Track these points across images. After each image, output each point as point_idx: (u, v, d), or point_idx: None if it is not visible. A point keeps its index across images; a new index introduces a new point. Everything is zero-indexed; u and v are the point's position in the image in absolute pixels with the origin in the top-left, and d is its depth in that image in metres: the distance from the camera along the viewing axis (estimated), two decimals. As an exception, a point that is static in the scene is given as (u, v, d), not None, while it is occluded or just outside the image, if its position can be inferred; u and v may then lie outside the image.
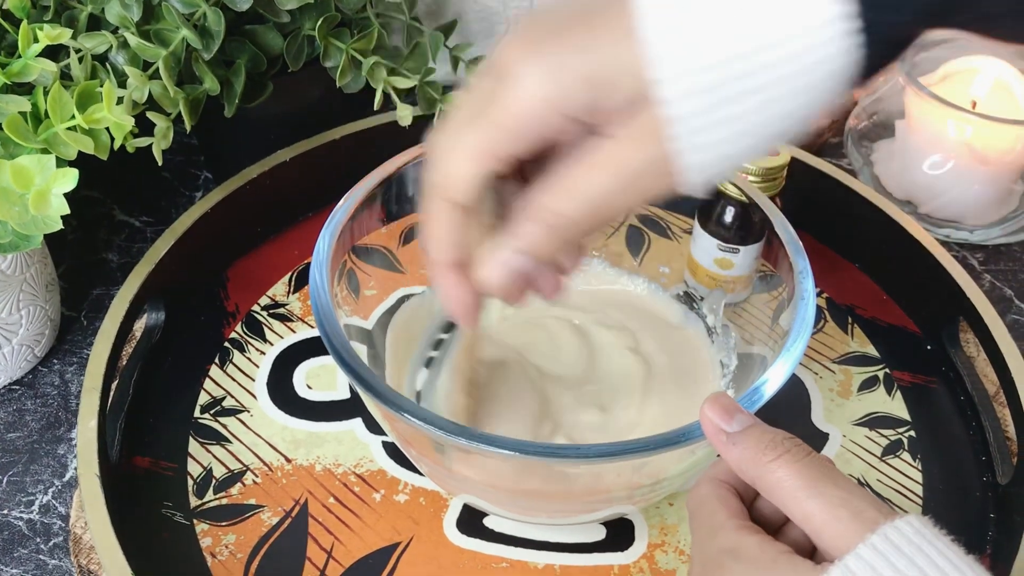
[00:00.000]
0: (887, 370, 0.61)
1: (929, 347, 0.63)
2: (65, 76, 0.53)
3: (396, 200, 0.57)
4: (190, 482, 0.54)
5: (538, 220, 0.36)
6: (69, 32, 0.51)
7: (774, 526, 0.39)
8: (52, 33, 0.50)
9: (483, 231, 0.38)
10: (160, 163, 0.55)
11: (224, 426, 0.57)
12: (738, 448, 0.37)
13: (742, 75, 0.31)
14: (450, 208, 0.37)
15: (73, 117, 0.50)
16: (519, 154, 0.35)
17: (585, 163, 0.34)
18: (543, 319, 0.58)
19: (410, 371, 0.57)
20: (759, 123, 0.32)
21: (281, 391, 0.59)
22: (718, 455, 0.39)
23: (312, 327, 0.63)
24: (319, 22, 0.60)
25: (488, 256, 0.38)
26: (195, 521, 0.52)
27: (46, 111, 0.50)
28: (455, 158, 0.36)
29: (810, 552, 0.37)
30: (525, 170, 0.38)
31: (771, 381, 0.44)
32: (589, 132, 0.34)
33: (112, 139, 0.52)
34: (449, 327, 0.59)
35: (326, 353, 0.46)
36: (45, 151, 0.50)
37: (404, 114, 0.61)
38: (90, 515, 0.48)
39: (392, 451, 0.56)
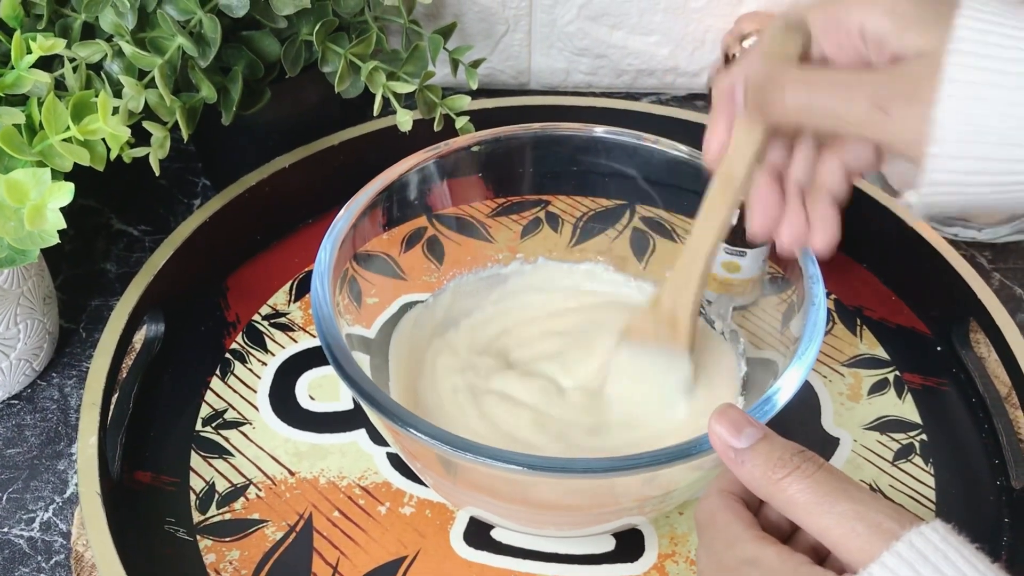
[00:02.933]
0: (897, 372, 0.60)
1: (939, 348, 0.62)
2: (60, 86, 0.53)
3: (398, 206, 0.56)
4: (192, 497, 0.53)
5: (774, 78, 0.39)
6: (63, 42, 0.50)
7: (784, 533, 0.39)
8: (46, 44, 0.49)
9: None
10: (158, 173, 0.55)
11: (226, 439, 0.56)
12: (748, 466, 0.37)
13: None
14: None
15: (68, 128, 0.49)
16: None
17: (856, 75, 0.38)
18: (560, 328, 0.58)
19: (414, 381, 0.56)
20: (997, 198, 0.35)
21: (283, 402, 0.58)
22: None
23: (314, 336, 0.62)
24: (317, 27, 0.59)
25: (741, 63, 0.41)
26: (198, 537, 0.51)
27: (40, 123, 0.49)
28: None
29: (824, 558, 0.37)
30: None
31: (784, 390, 0.44)
32: None
33: (108, 150, 0.51)
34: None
35: (328, 363, 0.45)
36: (40, 164, 0.49)
37: (404, 119, 0.60)
38: (91, 533, 0.47)
39: (397, 463, 0.55)
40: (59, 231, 0.49)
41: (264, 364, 0.60)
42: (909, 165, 0.35)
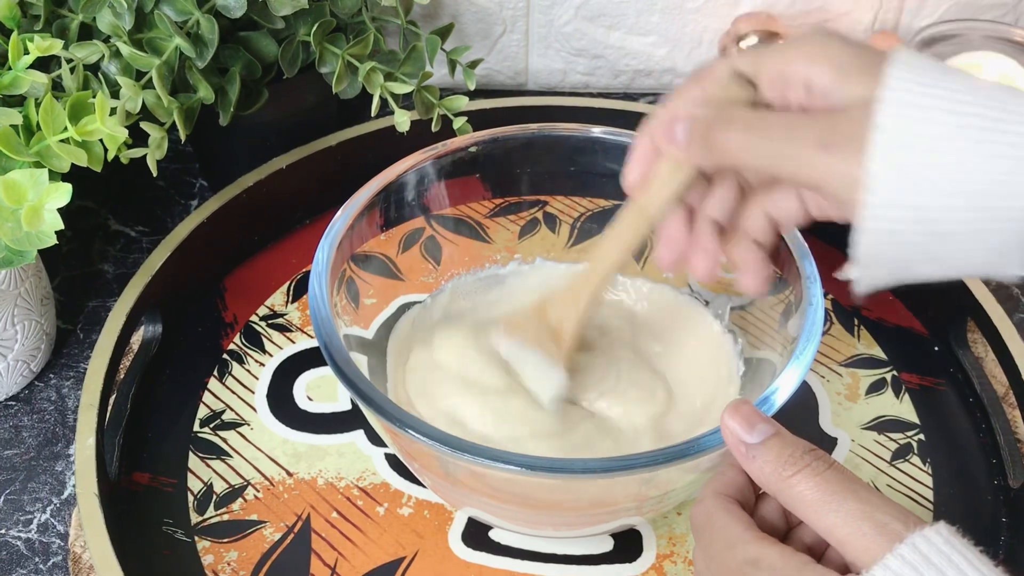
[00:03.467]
0: (895, 372, 0.61)
1: (936, 348, 0.62)
2: (57, 87, 0.53)
3: (396, 207, 0.56)
4: (190, 498, 0.53)
5: (713, 115, 0.39)
6: (60, 43, 0.50)
7: (779, 533, 0.39)
8: (43, 45, 0.49)
9: None
10: (155, 174, 0.55)
11: (224, 440, 0.56)
12: (758, 462, 0.37)
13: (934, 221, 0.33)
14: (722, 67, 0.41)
15: (66, 129, 0.49)
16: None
17: (787, 117, 0.38)
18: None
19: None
20: (933, 268, 0.35)
21: (281, 403, 0.58)
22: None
23: (312, 337, 0.62)
24: (314, 28, 0.59)
25: (670, 105, 0.42)
26: (196, 538, 0.51)
27: (38, 123, 0.49)
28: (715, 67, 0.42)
29: (819, 557, 0.38)
30: None
31: (781, 390, 0.44)
32: None
33: (105, 150, 0.51)
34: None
35: (326, 364, 0.45)
36: (38, 164, 0.49)
37: (401, 119, 0.60)
38: (89, 534, 0.47)
39: (395, 463, 0.55)
40: (56, 232, 0.49)
41: (262, 365, 0.60)
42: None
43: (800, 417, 0.58)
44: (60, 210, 0.48)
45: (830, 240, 0.69)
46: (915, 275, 0.36)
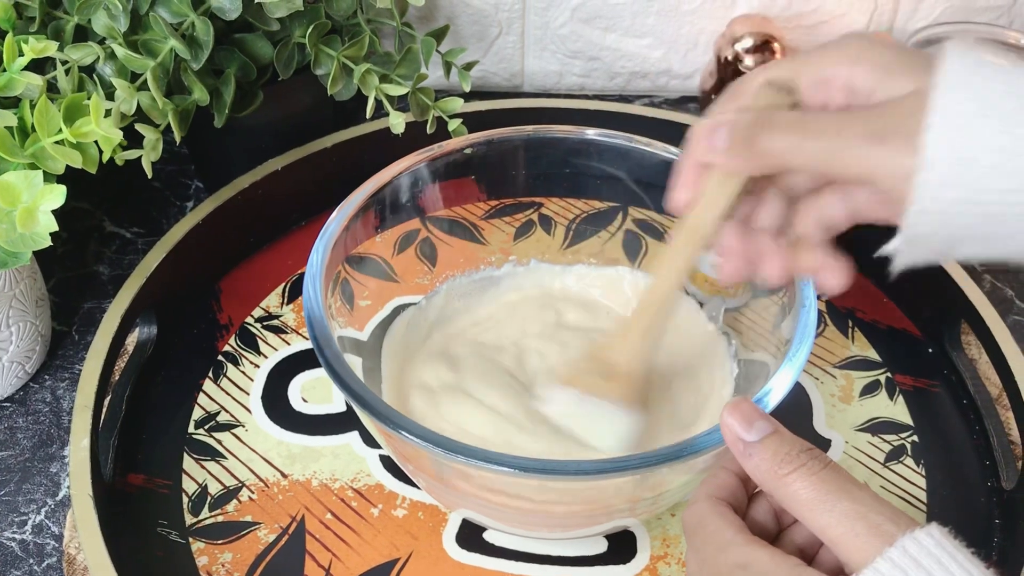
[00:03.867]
0: (889, 374, 0.61)
1: (931, 350, 0.62)
2: (52, 88, 0.53)
3: (391, 208, 0.56)
4: (185, 499, 0.53)
5: (753, 120, 0.39)
6: (55, 45, 0.50)
7: (770, 536, 0.39)
8: (38, 46, 0.49)
9: None
10: (150, 175, 0.55)
11: (219, 441, 0.56)
12: (755, 460, 0.37)
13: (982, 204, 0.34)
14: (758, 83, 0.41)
15: (60, 131, 0.49)
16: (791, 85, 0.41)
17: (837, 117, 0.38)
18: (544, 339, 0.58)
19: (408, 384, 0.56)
20: (969, 248, 0.35)
21: (276, 405, 0.58)
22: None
23: (307, 339, 0.62)
24: (309, 29, 0.59)
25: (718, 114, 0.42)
26: (191, 539, 0.51)
27: (33, 125, 0.49)
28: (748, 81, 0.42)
29: (811, 560, 0.38)
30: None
31: (775, 391, 0.44)
32: None
33: (100, 152, 0.51)
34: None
35: (321, 365, 0.45)
36: (32, 166, 0.49)
37: (396, 121, 0.60)
38: (83, 536, 0.47)
39: (389, 465, 0.55)
40: (51, 233, 0.49)
41: (257, 366, 0.60)
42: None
43: (794, 419, 0.58)
44: (55, 211, 0.48)
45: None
46: (958, 255, 0.36)
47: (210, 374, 0.60)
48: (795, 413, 0.58)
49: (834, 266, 0.42)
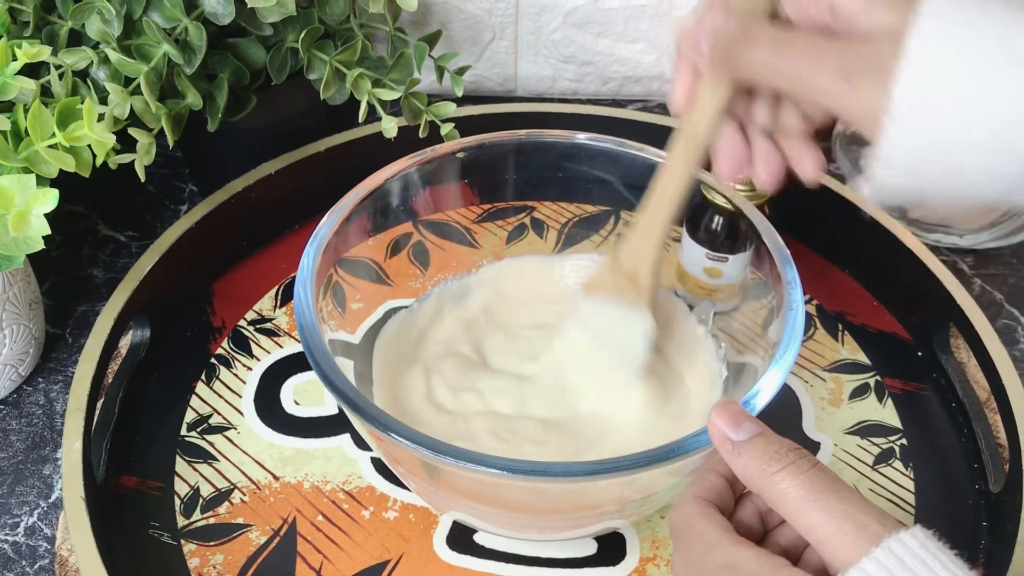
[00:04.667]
0: (878, 377, 0.61)
1: (920, 353, 0.63)
2: (45, 93, 0.53)
3: (382, 212, 0.56)
4: (177, 501, 0.54)
5: (735, 24, 0.40)
6: (49, 50, 0.50)
7: (756, 537, 0.39)
8: (31, 51, 0.50)
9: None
10: (143, 179, 0.55)
11: (211, 444, 0.56)
12: (743, 458, 0.37)
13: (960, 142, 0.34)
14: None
15: (54, 135, 0.49)
16: None
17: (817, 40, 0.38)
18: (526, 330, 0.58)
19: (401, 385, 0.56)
20: (946, 186, 0.35)
21: (268, 407, 0.59)
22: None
23: (299, 342, 0.62)
24: (302, 34, 0.59)
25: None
26: (182, 541, 0.52)
27: (26, 129, 0.49)
28: None
29: (796, 561, 0.38)
30: None
31: (763, 392, 0.44)
32: None
33: (94, 156, 0.51)
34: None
35: (312, 368, 0.46)
36: (26, 170, 0.49)
37: (389, 126, 0.60)
38: (75, 538, 0.48)
39: (380, 467, 0.55)
40: (45, 237, 0.49)
41: (249, 369, 0.61)
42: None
43: (783, 421, 0.58)
44: (48, 215, 0.48)
45: (813, 245, 0.69)
46: (928, 198, 0.36)
47: (203, 377, 0.60)
48: (785, 416, 0.58)
49: (809, 155, 0.43)
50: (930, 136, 0.34)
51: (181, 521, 0.53)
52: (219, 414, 0.58)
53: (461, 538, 0.52)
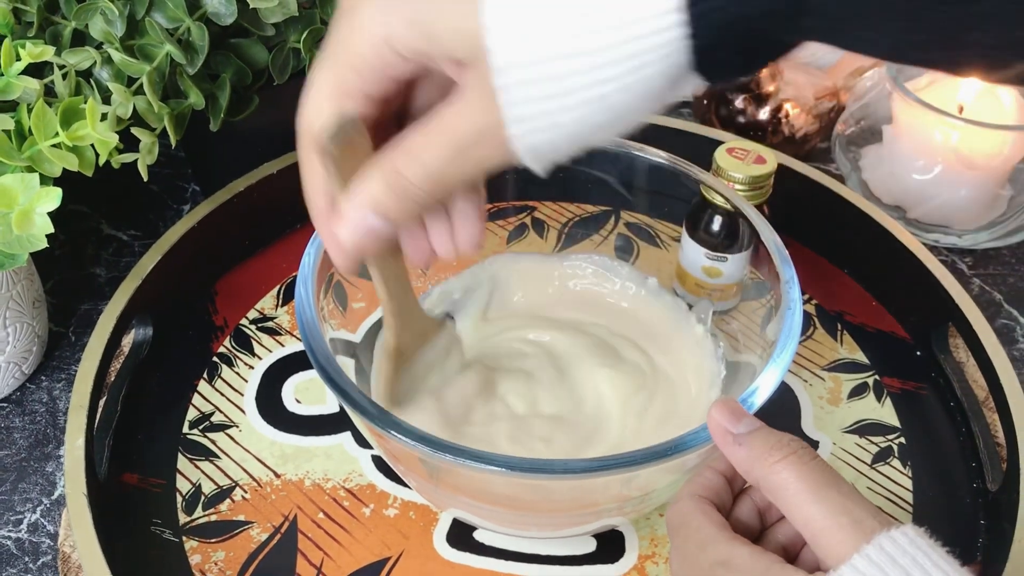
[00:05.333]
0: (877, 377, 0.61)
1: (919, 353, 0.63)
2: (49, 92, 0.53)
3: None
4: (179, 499, 0.54)
5: (383, 180, 0.36)
6: (52, 49, 0.51)
7: (753, 534, 0.40)
8: (35, 51, 0.50)
9: (348, 181, 0.38)
10: (146, 179, 0.55)
11: (213, 441, 0.57)
12: (744, 449, 0.37)
13: (572, 57, 0.31)
14: (315, 152, 0.38)
15: (57, 134, 0.50)
16: (369, 92, 0.36)
17: (423, 128, 0.35)
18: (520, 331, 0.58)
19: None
20: (587, 110, 0.32)
21: (270, 406, 0.59)
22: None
23: (301, 340, 0.62)
24: (304, 34, 0.60)
25: (343, 211, 0.38)
26: (184, 538, 0.52)
27: (30, 128, 0.49)
28: (312, 99, 0.37)
29: (793, 558, 0.38)
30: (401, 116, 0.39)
31: (761, 390, 0.44)
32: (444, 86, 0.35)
33: (97, 155, 0.52)
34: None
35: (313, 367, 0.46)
36: (29, 169, 0.50)
37: (390, 126, 0.60)
38: (78, 534, 0.48)
39: (381, 465, 0.56)
40: (50, 236, 0.49)
41: (251, 368, 0.61)
42: (890, 173, 0.34)
43: (782, 420, 0.58)
44: (52, 214, 0.49)
45: (812, 245, 0.70)
46: (583, 130, 0.33)
47: (205, 375, 0.60)
48: (783, 415, 0.59)
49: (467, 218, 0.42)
50: (545, 76, 0.31)
51: (183, 518, 0.53)
52: (221, 412, 0.58)
53: (461, 535, 0.52)
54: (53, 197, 0.48)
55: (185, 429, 0.57)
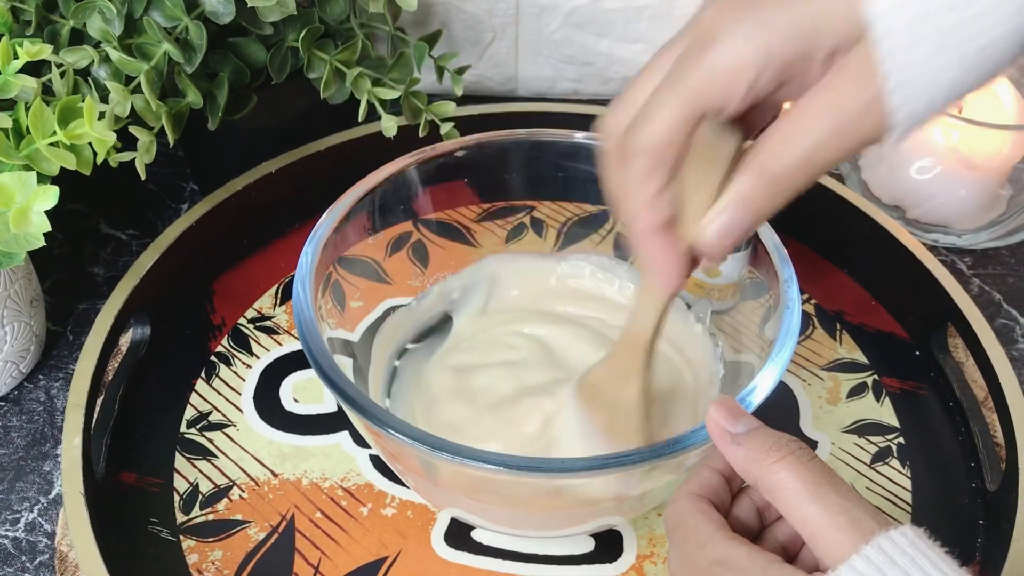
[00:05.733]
0: (876, 376, 0.61)
1: (918, 353, 0.63)
2: (47, 91, 0.53)
3: (382, 211, 0.57)
4: (176, 498, 0.54)
5: (754, 175, 0.36)
6: (50, 48, 0.51)
7: (752, 534, 0.40)
8: (33, 49, 0.50)
9: (691, 190, 0.38)
10: (143, 177, 0.55)
11: (210, 441, 0.57)
12: (743, 448, 0.37)
13: (952, 10, 0.31)
14: (657, 169, 0.37)
15: (55, 133, 0.50)
16: (727, 113, 0.36)
17: (797, 113, 0.34)
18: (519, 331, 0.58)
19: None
20: (966, 67, 0.32)
21: (267, 405, 0.59)
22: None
23: (299, 340, 0.62)
24: (302, 34, 0.59)
25: (710, 217, 0.38)
26: (181, 537, 0.52)
27: (27, 127, 0.49)
28: (660, 118, 0.36)
29: (792, 558, 0.38)
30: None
31: (759, 389, 0.44)
32: (799, 89, 0.35)
33: (95, 154, 0.51)
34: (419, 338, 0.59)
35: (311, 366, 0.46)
36: (27, 167, 0.50)
37: (389, 125, 0.60)
38: (75, 533, 0.48)
39: (379, 464, 0.56)
40: (47, 234, 0.49)
41: (249, 367, 0.61)
42: (890, 172, 0.34)
43: (781, 420, 0.58)
44: (49, 213, 0.49)
45: (811, 244, 0.69)
46: (953, 90, 0.33)
47: (203, 374, 0.60)
48: (782, 414, 0.59)
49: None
50: (928, 34, 0.31)
51: (180, 517, 0.53)
52: (218, 411, 0.58)
53: (459, 535, 0.52)
54: (51, 196, 0.48)
55: (183, 428, 0.57)
